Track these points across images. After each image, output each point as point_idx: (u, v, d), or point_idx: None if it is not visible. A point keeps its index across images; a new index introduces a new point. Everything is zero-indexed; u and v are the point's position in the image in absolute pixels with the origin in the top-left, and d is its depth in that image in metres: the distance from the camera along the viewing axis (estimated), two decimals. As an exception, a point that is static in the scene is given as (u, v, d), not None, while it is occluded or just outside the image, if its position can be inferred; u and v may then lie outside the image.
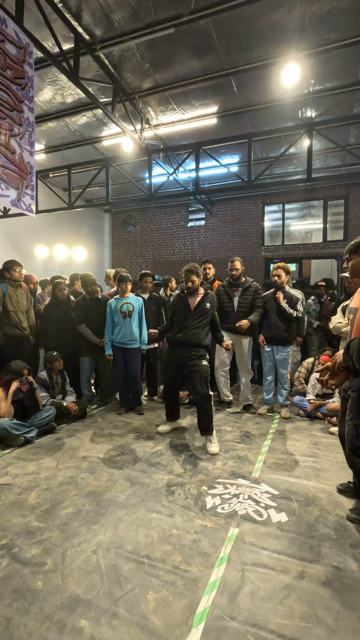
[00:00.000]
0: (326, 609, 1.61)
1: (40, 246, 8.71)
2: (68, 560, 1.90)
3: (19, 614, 1.58)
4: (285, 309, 4.14)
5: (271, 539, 2.08)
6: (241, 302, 4.35)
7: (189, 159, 6.94)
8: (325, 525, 2.21)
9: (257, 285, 4.45)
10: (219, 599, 1.66)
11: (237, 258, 4.46)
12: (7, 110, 3.67)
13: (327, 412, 4.12)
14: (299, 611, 1.60)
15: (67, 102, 5.89)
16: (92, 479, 2.78)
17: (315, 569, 1.85)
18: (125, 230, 11.24)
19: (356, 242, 2.39)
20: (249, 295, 4.35)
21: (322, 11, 4.06)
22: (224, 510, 2.36)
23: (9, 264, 4.41)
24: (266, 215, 9.62)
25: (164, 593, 1.69)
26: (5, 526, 2.19)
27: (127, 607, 1.62)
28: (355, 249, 2.39)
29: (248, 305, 4.34)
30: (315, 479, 2.81)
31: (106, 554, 1.94)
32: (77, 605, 1.62)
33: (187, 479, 2.78)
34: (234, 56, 4.81)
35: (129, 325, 4.29)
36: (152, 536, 2.09)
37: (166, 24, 4.21)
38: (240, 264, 4.40)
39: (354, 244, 2.40)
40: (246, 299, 4.35)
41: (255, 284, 4.42)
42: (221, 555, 1.94)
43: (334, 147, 6.63)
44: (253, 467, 3.00)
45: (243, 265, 4.46)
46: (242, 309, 4.34)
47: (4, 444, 3.40)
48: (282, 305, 4.15)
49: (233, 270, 4.39)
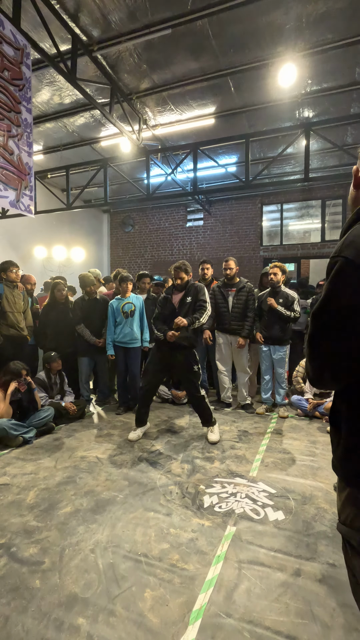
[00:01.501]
0: (322, 606, 1.62)
1: (38, 247, 8.71)
2: (66, 559, 1.91)
3: (16, 612, 1.59)
4: (282, 312, 4.16)
5: (268, 537, 2.10)
6: (235, 303, 4.37)
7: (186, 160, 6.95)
8: (322, 524, 2.23)
9: (251, 286, 4.46)
10: (215, 596, 1.67)
11: (231, 258, 4.48)
12: (5, 111, 3.67)
13: (325, 411, 4.14)
14: (295, 608, 1.61)
15: (65, 103, 5.90)
16: (91, 478, 2.79)
17: (311, 566, 1.87)
18: (124, 230, 11.24)
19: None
20: (242, 296, 4.36)
21: (319, 12, 4.07)
22: (222, 509, 2.37)
23: (5, 264, 4.42)
24: (264, 215, 9.64)
25: (161, 591, 1.70)
26: (3, 526, 2.21)
27: (124, 605, 1.63)
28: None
29: (242, 305, 4.35)
30: (312, 477, 2.83)
31: (104, 553, 1.96)
32: (75, 604, 1.63)
33: (185, 478, 2.80)
34: (231, 57, 4.83)
35: (130, 324, 4.31)
36: (149, 535, 2.11)
37: (163, 24, 4.22)
38: (234, 263, 4.42)
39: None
40: (240, 299, 4.36)
41: (249, 285, 4.43)
42: (218, 553, 1.96)
43: (332, 147, 6.64)
44: (251, 466, 3.01)
45: (237, 265, 4.47)
46: (236, 310, 4.36)
47: (3, 444, 3.41)
48: (278, 310, 4.16)
49: (227, 270, 4.40)
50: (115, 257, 11.42)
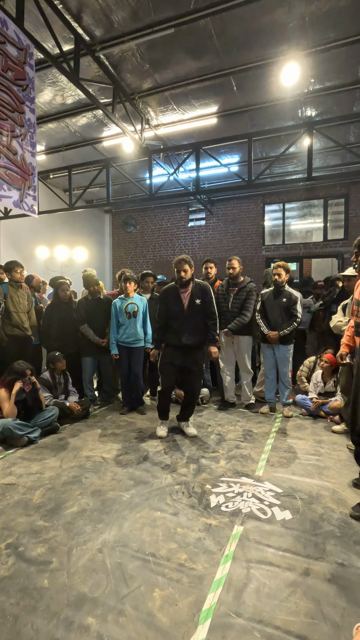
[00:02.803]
0: (332, 605, 1.62)
1: (41, 247, 8.73)
2: (74, 559, 1.91)
3: (25, 612, 1.59)
4: (286, 333, 4.18)
5: (276, 537, 2.09)
6: (234, 302, 4.36)
7: (189, 159, 6.95)
8: (330, 523, 2.22)
9: (253, 286, 4.45)
10: (224, 596, 1.67)
11: (235, 257, 4.46)
12: (9, 111, 3.68)
13: (330, 410, 4.13)
14: (305, 608, 1.60)
15: (67, 103, 5.91)
16: (96, 478, 2.78)
17: (320, 566, 1.86)
18: (126, 230, 11.25)
19: None
20: (241, 295, 4.35)
21: (322, 10, 4.07)
22: (228, 509, 2.36)
23: (9, 265, 4.43)
24: (266, 214, 9.63)
25: (170, 590, 1.70)
26: (10, 525, 2.20)
27: (133, 604, 1.62)
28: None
29: (239, 304, 4.34)
30: (318, 477, 2.82)
31: (111, 553, 1.95)
32: (84, 603, 1.63)
33: (191, 477, 2.79)
34: (233, 56, 4.82)
35: (133, 325, 4.30)
36: (156, 534, 2.10)
37: (166, 24, 4.23)
38: (237, 263, 4.41)
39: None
40: (239, 298, 4.36)
41: (251, 285, 4.42)
42: (226, 552, 1.95)
43: (334, 146, 6.64)
44: (256, 465, 3.01)
45: (241, 265, 4.46)
46: (234, 309, 4.36)
47: (8, 444, 3.41)
48: (284, 332, 4.17)
49: (230, 269, 4.40)
50: (117, 257, 11.44)
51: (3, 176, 3.63)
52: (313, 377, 4.44)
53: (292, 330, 4.20)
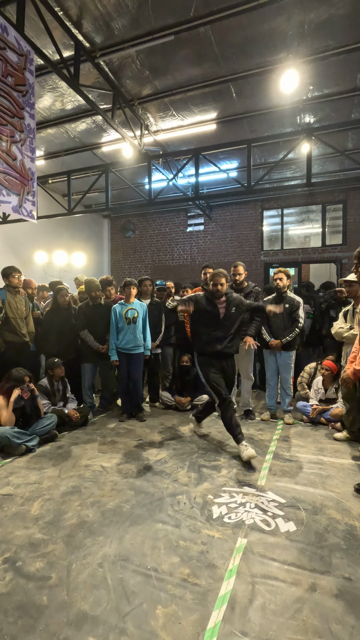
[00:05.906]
0: (340, 623, 1.57)
1: (39, 252, 8.69)
2: (73, 574, 1.85)
3: (24, 631, 1.53)
4: (289, 340, 4.17)
5: (280, 550, 2.04)
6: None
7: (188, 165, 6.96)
8: (335, 535, 2.18)
9: (259, 290, 4.43)
10: (229, 613, 1.62)
11: (240, 263, 4.44)
12: (9, 117, 3.66)
13: (331, 417, 4.09)
14: (312, 626, 1.56)
15: (67, 109, 5.91)
16: (96, 488, 2.73)
17: (326, 580, 1.81)
18: (125, 235, 11.23)
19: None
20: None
21: (321, 18, 4.09)
22: (231, 520, 2.32)
23: (7, 270, 4.39)
24: (265, 220, 9.64)
25: (173, 608, 1.65)
26: (8, 538, 2.15)
27: (135, 623, 1.57)
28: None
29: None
30: (322, 486, 2.77)
31: (112, 567, 1.90)
32: (84, 622, 1.57)
33: (192, 487, 2.74)
34: (233, 63, 4.84)
35: (133, 331, 4.26)
36: (158, 548, 2.05)
37: (166, 31, 4.24)
38: (243, 269, 4.39)
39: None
40: None
41: (256, 289, 4.40)
42: (230, 567, 1.90)
43: (332, 152, 6.66)
44: (258, 474, 2.96)
45: (246, 270, 4.44)
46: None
47: (5, 452, 3.35)
48: (286, 339, 4.16)
49: (236, 275, 4.37)
50: (116, 262, 11.41)
51: (2, 181, 3.61)
52: (314, 384, 4.41)
53: (294, 336, 4.16)
